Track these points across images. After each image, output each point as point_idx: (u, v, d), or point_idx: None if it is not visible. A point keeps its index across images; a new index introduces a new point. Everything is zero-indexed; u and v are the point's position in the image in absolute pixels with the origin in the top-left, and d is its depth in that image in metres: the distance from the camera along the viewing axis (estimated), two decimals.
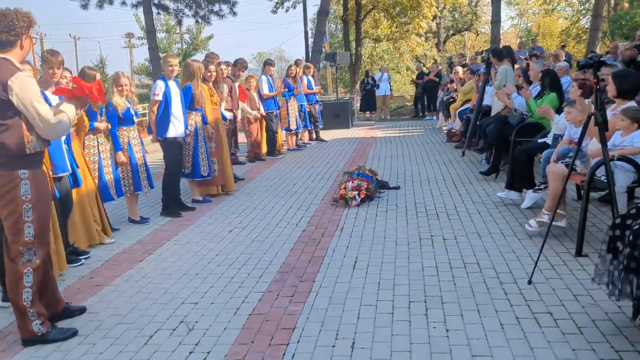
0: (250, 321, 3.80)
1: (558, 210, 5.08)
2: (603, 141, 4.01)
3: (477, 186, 7.50)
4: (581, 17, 35.23)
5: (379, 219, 6.14)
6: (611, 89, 4.88)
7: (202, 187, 7.56)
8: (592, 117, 4.00)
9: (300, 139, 12.78)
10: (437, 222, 5.91)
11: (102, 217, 5.79)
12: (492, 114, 9.06)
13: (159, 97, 6.55)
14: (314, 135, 13.50)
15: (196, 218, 6.62)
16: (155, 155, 9.46)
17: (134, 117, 6.29)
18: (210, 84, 7.59)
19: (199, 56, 27.73)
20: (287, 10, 25.91)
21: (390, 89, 20.34)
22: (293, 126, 11.89)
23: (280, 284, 4.43)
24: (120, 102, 6.08)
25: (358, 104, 20.22)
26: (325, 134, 14.41)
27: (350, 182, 6.96)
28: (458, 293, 4.06)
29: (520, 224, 5.61)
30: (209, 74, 7.23)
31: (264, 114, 10.65)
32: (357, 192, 6.78)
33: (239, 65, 10.07)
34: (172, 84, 6.71)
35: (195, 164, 7.17)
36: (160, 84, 6.64)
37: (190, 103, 7.01)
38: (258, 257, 5.11)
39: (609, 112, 4.90)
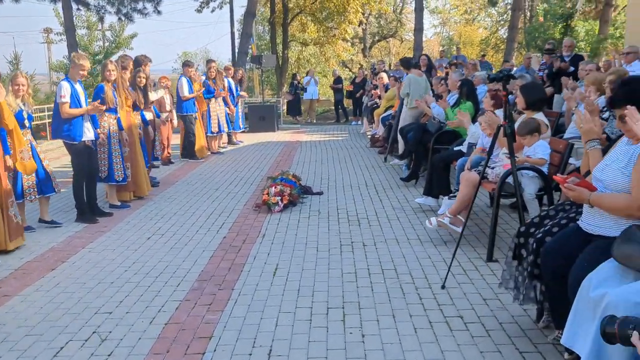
0: (166, 330, 3.73)
1: (458, 216, 5.29)
2: (511, 152, 4.21)
3: (397, 192, 7.68)
4: (499, 28, 36.76)
5: (302, 225, 6.17)
6: (520, 101, 5.13)
7: (118, 192, 7.33)
8: (502, 128, 4.19)
9: (224, 143, 12.65)
10: (358, 228, 6.00)
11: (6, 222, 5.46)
12: (401, 123, 9.33)
13: (67, 99, 6.23)
14: (233, 139, 13.37)
15: (113, 224, 6.42)
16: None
17: (26, 121, 5.95)
18: (123, 86, 7.32)
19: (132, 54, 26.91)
20: (212, 11, 25.67)
21: (318, 93, 20.52)
22: (215, 129, 11.73)
23: (198, 292, 4.37)
24: (12, 103, 5.76)
25: (285, 107, 20.25)
26: (251, 137, 14.35)
27: (273, 187, 6.96)
28: (375, 299, 4.14)
29: (436, 230, 5.78)
30: (107, 72, 6.88)
31: (174, 117, 10.43)
32: (280, 197, 6.79)
33: (143, 61, 9.34)
34: (78, 86, 6.42)
35: (110, 168, 6.95)
36: (65, 85, 6.28)
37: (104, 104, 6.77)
38: (176, 264, 5.01)
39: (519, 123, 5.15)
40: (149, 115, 8.55)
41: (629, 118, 2.52)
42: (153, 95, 8.36)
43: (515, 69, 13.63)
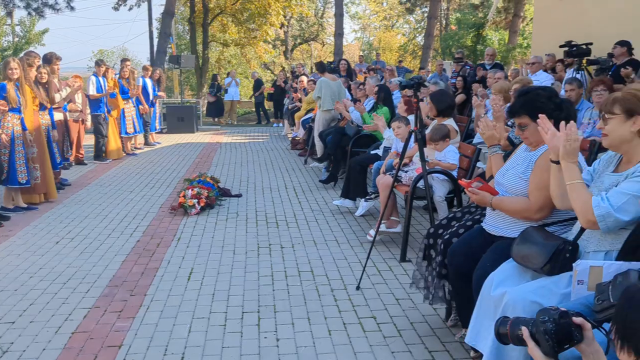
0: (72, 340, 3.58)
1: (392, 218, 5.42)
2: (422, 157, 4.35)
3: (316, 194, 7.75)
4: (417, 35, 37.86)
5: (219, 228, 6.10)
6: (431, 109, 5.31)
7: (24, 195, 6.97)
8: (413, 133, 4.32)
9: (139, 144, 12.30)
10: (276, 231, 6.01)
11: None
12: (315, 126, 9.47)
13: None
14: (150, 140, 13.03)
15: (19, 228, 6.10)
16: None
17: None
18: (35, 84, 6.99)
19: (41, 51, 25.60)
20: (130, 9, 24.90)
21: (239, 95, 20.35)
22: (130, 130, 11.38)
23: (108, 298, 4.23)
24: None
25: (204, 108, 19.94)
26: (169, 138, 14.04)
27: (190, 190, 6.84)
28: (291, 301, 4.16)
29: (354, 232, 5.89)
30: (9, 71, 6.55)
31: (86, 117, 10.05)
32: (196, 200, 6.68)
33: (50, 59, 8.87)
34: None
35: (12, 170, 6.59)
36: None
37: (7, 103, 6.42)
38: (86, 270, 4.83)
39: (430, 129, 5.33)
40: (58, 115, 8.18)
41: (541, 126, 2.66)
42: (57, 96, 7.96)
43: (429, 75, 14.10)
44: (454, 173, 5.09)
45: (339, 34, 20.63)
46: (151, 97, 12.62)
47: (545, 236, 2.66)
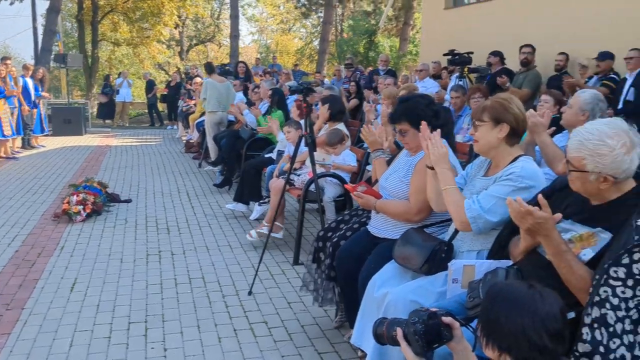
0: None
1: (276, 223, 5.43)
2: (312, 161, 4.41)
3: (210, 198, 7.63)
4: (314, 39, 38.35)
5: (106, 235, 5.85)
6: (323, 113, 5.40)
7: None
8: (303, 137, 4.36)
9: (17, 147, 11.56)
10: (167, 237, 5.85)
11: None
12: (206, 131, 9.40)
13: None
14: (33, 143, 12.28)
15: None
16: None
17: None
18: None
19: None
20: (11, 3, 23.33)
21: (131, 96, 19.63)
22: (7, 132, 10.64)
23: None
24: None
25: (94, 110, 19.06)
26: (54, 141, 13.29)
27: (75, 195, 6.51)
28: (180, 310, 4.06)
29: (258, 240, 5.85)
30: None
31: None
32: (82, 206, 6.37)
33: None
34: None
35: None
36: None
37: None
38: None
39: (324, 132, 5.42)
40: None
41: (422, 133, 2.77)
42: None
43: (327, 80, 14.33)
44: (347, 177, 5.21)
45: (234, 35, 20.49)
46: (33, 98, 11.89)
47: (423, 237, 2.78)
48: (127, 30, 26.46)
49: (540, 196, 2.09)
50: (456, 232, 2.72)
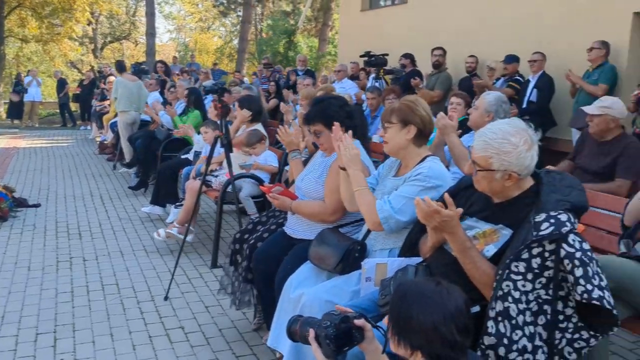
0: None
1: (186, 225, 5.33)
2: (229, 163, 4.36)
3: (125, 201, 7.39)
4: (233, 38, 37.96)
5: (12, 243, 5.54)
6: (242, 114, 5.36)
7: None
8: (219, 139, 4.31)
9: None
10: (78, 242, 5.62)
11: None
12: (120, 132, 9.16)
13: None
14: None
15: None
16: None
17: None
18: None
19: None
20: None
21: (41, 95, 18.69)
22: None
23: None
24: None
25: (3, 109, 18.00)
26: None
27: None
28: (92, 318, 3.91)
29: (164, 240, 5.71)
30: None
31: None
32: None
33: None
34: None
35: None
36: None
37: None
38: None
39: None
40: None
41: (334, 135, 2.80)
42: None
43: (247, 80, 14.22)
44: (267, 178, 5.19)
45: (150, 33, 19.96)
46: None
47: (338, 237, 2.82)
48: (35, 27, 25.14)
49: (446, 195, 2.17)
50: (369, 231, 2.77)
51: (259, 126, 5.56)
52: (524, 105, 7.09)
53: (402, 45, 9.51)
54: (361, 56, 8.80)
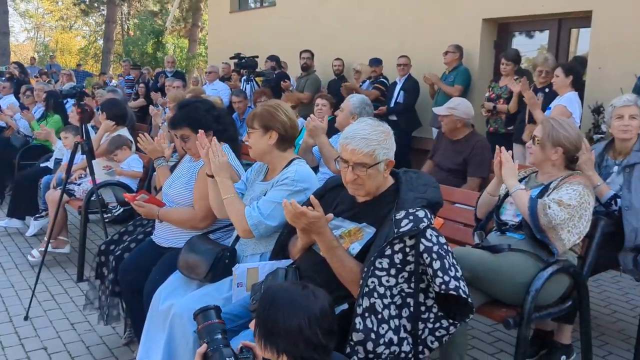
0: None
1: (60, 237, 5.04)
2: (91, 170, 4.15)
3: None
4: (98, 38, 36.16)
5: None
6: (102, 116, 5.12)
7: None
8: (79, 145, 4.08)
9: None
10: None
11: None
12: None
13: None
14: None
15: None
16: None
17: None
18: None
19: None
20: None
21: None
22: None
23: None
24: None
25: None
26: None
27: None
28: None
29: (24, 254, 5.32)
30: None
31: None
32: None
33: None
34: None
35: None
36: None
37: None
38: None
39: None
40: None
41: (200, 142, 2.74)
42: None
43: (115, 81, 13.60)
44: (134, 184, 4.99)
45: (4, 32, 18.50)
46: None
47: (207, 244, 2.77)
48: None
49: (312, 197, 2.21)
50: (239, 236, 2.75)
51: (123, 131, 5.34)
52: (392, 105, 7.43)
53: (271, 47, 9.57)
54: (231, 58, 8.74)
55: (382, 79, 7.77)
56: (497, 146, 3.07)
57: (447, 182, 4.36)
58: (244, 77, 8.21)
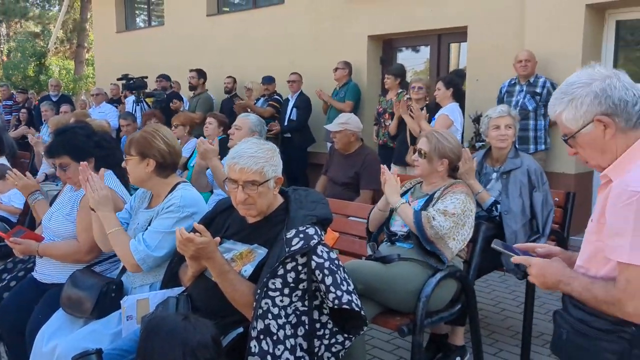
0: None
1: None
2: None
3: None
4: None
5: None
6: None
7: None
8: None
9: None
10: None
11: None
12: None
13: None
14: None
15: None
16: None
17: None
18: None
19: None
20: None
21: None
22: None
23: None
24: None
25: None
26: None
27: None
28: None
29: None
30: None
31: None
32: None
33: None
34: None
35: None
36: None
37: None
38: None
39: None
40: None
41: (81, 176, 2.60)
42: None
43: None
44: (14, 217, 4.68)
45: None
46: None
47: (92, 278, 2.63)
48: None
49: (195, 224, 2.16)
50: (125, 268, 2.64)
51: (3, 160, 5.00)
52: (286, 123, 7.46)
53: (162, 67, 9.37)
54: (119, 79, 8.46)
55: (276, 96, 7.81)
56: (383, 166, 3.19)
57: (342, 195, 4.45)
58: (133, 99, 7.96)
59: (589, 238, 1.77)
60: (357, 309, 2.18)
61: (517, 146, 3.68)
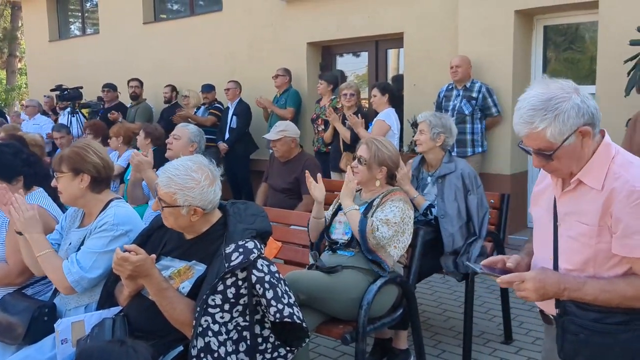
0: None
1: None
2: None
3: None
4: None
5: None
6: None
7: None
8: None
9: None
10: None
11: None
12: None
13: None
14: None
15: None
16: None
17: None
18: None
19: None
20: None
21: None
22: None
23: None
24: None
25: None
26: None
27: None
28: None
29: None
30: None
31: None
32: None
33: None
34: None
35: None
36: None
37: None
38: None
39: None
40: None
41: (1, 200, 2.50)
42: None
43: None
44: None
45: None
46: None
47: (23, 302, 2.53)
48: None
49: (126, 245, 2.11)
50: (57, 289, 2.55)
51: None
52: (227, 133, 7.38)
53: (98, 77, 9.13)
54: (52, 90, 8.20)
55: (217, 105, 7.72)
56: (306, 172, 3.23)
57: (284, 202, 4.45)
58: (68, 110, 7.72)
59: (587, 242, 1.76)
60: (298, 321, 2.18)
61: (455, 150, 3.78)
